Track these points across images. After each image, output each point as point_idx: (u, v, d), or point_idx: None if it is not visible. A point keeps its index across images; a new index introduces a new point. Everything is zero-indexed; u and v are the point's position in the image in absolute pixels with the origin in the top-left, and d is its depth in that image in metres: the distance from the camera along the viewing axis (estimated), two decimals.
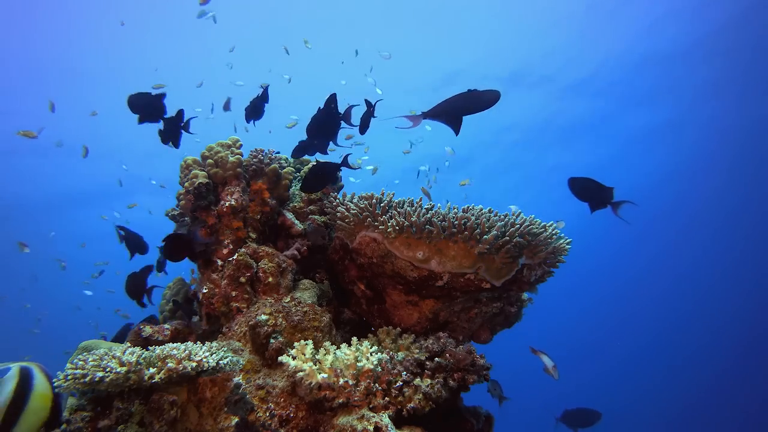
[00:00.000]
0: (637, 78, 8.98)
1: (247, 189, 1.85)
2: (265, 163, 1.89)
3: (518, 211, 1.50)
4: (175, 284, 2.02)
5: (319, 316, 1.51)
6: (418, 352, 1.34)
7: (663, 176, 12.60)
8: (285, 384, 1.29)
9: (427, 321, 1.58)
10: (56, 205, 10.69)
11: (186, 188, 1.74)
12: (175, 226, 2.06)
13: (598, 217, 2.35)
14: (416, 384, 1.24)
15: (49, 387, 0.90)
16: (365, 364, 1.19)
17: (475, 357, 1.30)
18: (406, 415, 1.20)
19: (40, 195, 10.21)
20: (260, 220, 1.82)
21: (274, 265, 1.64)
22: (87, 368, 1.00)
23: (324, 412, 1.22)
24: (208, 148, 1.84)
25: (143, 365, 1.04)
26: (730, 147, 11.07)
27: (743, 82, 8.91)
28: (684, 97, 9.44)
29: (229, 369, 1.19)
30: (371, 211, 1.51)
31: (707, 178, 12.64)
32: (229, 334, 1.52)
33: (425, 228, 1.39)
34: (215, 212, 1.76)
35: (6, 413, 0.79)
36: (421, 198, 1.60)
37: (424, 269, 1.42)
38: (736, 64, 8.49)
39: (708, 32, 7.87)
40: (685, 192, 13.42)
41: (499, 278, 1.41)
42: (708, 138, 10.83)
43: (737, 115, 9.92)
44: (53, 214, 11.04)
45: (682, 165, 12.02)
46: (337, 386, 1.18)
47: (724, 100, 9.47)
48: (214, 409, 1.14)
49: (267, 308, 1.48)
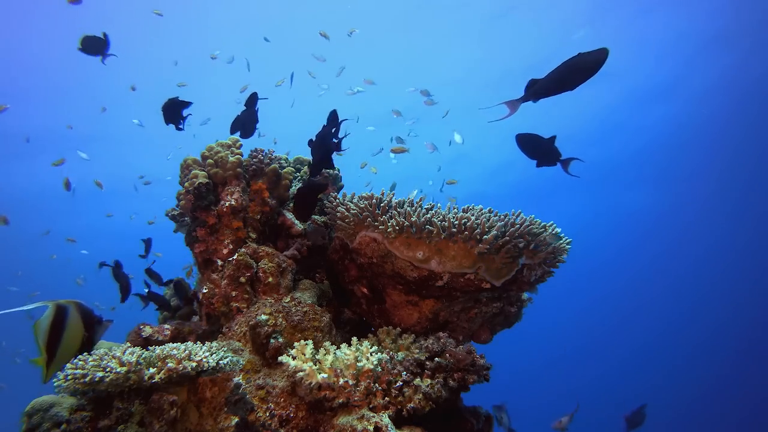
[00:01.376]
0: (658, 69, 8.89)
1: (247, 189, 1.85)
2: (265, 163, 1.89)
3: (518, 212, 1.50)
4: (175, 284, 2.02)
5: (319, 316, 1.51)
6: (418, 352, 1.34)
7: (664, 173, 12.60)
8: (285, 384, 1.29)
9: (427, 321, 1.58)
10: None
11: (186, 188, 1.74)
12: (175, 226, 2.06)
13: (597, 218, 2.33)
14: (416, 384, 1.24)
15: (81, 318, 1.07)
16: (365, 364, 1.19)
17: (475, 357, 1.30)
18: (406, 415, 1.20)
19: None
20: (260, 220, 1.82)
21: (274, 265, 1.63)
22: (87, 368, 1.00)
23: (324, 412, 1.22)
24: (208, 148, 1.84)
25: (143, 365, 1.04)
26: (731, 146, 11.07)
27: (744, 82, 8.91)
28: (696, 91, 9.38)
29: (229, 369, 1.19)
30: (371, 211, 1.51)
31: (709, 176, 12.64)
32: (229, 334, 1.52)
33: (425, 228, 1.39)
34: (215, 212, 1.76)
35: (50, 333, 1.01)
36: (421, 198, 1.60)
37: (424, 269, 1.42)
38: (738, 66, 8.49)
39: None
40: (686, 192, 13.42)
41: (499, 278, 1.41)
42: (710, 138, 10.83)
43: (737, 117, 9.92)
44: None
45: (684, 162, 12.01)
46: (337, 386, 1.18)
47: (729, 100, 9.46)
48: (214, 409, 1.14)
49: (267, 308, 1.48)
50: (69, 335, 1.05)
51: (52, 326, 1.02)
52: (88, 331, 1.09)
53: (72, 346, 1.06)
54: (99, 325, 1.12)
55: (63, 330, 1.04)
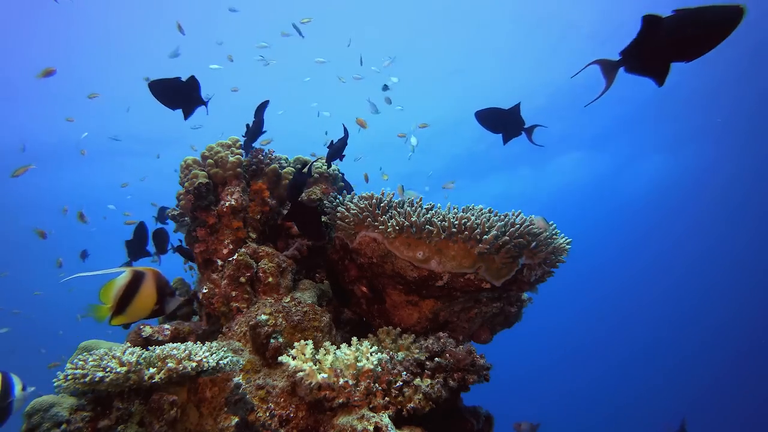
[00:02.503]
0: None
1: (247, 189, 1.85)
2: (265, 163, 1.89)
3: (518, 212, 1.50)
4: (175, 284, 2.02)
5: (319, 316, 1.51)
6: (418, 352, 1.34)
7: (666, 176, 12.60)
8: (285, 384, 1.29)
9: (427, 321, 1.58)
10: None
11: (186, 188, 1.74)
12: (175, 226, 2.06)
13: (598, 218, 2.29)
14: (416, 384, 1.24)
15: (155, 287, 1.12)
16: (365, 364, 1.19)
17: (475, 357, 1.30)
18: (406, 415, 1.20)
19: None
20: (260, 220, 1.82)
21: (274, 265, 1.63)
22: (87, 368, 1.00)
23: (324, 412, 1.22)
24: (208, 148, 1.84)
25: (143, 365, 1.04)
26: (733, 146, 11.05)
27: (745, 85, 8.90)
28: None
29: (229, 369, 1.19)
30: (371, 211, 1.51)
31: (712, 178, 12.62)
32: (229, 334, 1.52)
33: (425, 228, 1.39)
34: (215, 212, 1.76)
35: (126, 287, 1.07)
36: (421, 198, 1.60)
37: (424, 269, 1.42)
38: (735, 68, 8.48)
39: None
40: (687, 191, 13.42)
41: (499, 278, 1.41)
42: (713, 139, 10.82)
43: (740, 121, 9.91)
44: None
45: (686, 164, 12.01)
46: (337, 386, 1.18)
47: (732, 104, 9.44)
48: (214, 409, 1.14)
49: (267, 308, 1.48)
50: (140, 299, 1.09)
51: (125, 287, 1.08)
52: (160, 303, 1.13)
53: (142, 309, 1.11)
54: (171, 298, 1.16)
55: (135, 294, 1.09)
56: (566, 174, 12.72)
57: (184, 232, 1.93)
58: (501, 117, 1.52)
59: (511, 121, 1.52)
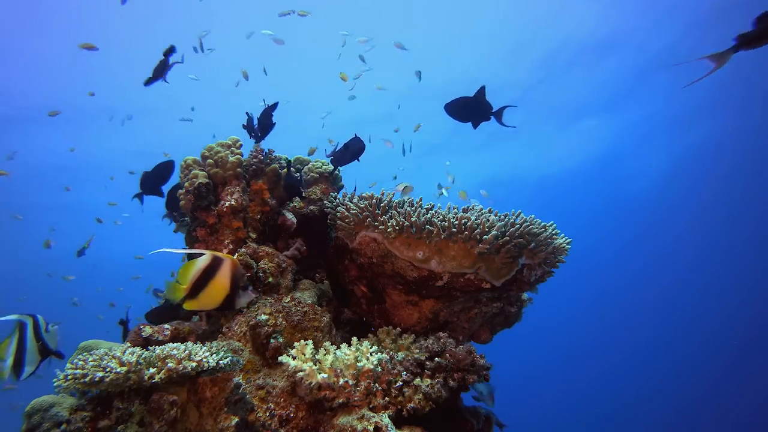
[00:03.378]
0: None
1: (247, 189, 1.85)
2: (265, 163, 1.89)
3: (518, 212, 1.50)
4: None
5: (319, 316, 1.51)
6: (418, 352, 1.34)
7: (666, 173, 12.55)
8: (285, 384, 1.29)
9: (427, 321, 1.58)
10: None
11: (186, 188, 1.74)
12: (175, 226, 2.06)
13: (598, 217, 2.26)
14: (416, 384, 1.24)
15: (230, 277, 1.11)
16: (365, 364, 1.19)
17: (475, 357, 1.30)
18: (406, 415, 1.20)
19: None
20: (260, 220, 1.82)
21: (274, 265, 1.64)
22: (87, 368, 1.00)
23: (324, 412, 1.22)
24: (208, 148, 1.84)
25: (143, 365, 1.04)
26: (733, 145, 11.03)
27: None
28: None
29: (229, 369, 1.19)
30: (371, 211, 1.51)
31: (711, 175, 12.58)
32: (229, 334, 1.52)
33: (425, 228, 1.39)
34: (215, 212, 1.76)
35: (203, 272, 1.07)
36: (421, 198, 1.60)
37: (424, 269, 1.42)
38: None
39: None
40: (687, 190, 13.40)
41: (499, 278, 1.41)
42: (713, 137, 10.78)
43: (740, 120, 9.88)
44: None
45: (687, 160, 11.93)
46: (337, 386, 1.18)
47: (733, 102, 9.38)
48: (214, 409, 1.14)
49: (267, 308, 1.48)
50: (213, 287, 1.08)
51: (204, 270, 1.07)
52: (231, 295, 1.11)
53: (212, 298, 1.09)
54: (244, 292, 1.13)
55: (211, 278, 1.07)
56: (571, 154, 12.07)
57: (184, 232, 1.93)
58: (467, 105, 1.54)
59: (477, 107, 1.53)
